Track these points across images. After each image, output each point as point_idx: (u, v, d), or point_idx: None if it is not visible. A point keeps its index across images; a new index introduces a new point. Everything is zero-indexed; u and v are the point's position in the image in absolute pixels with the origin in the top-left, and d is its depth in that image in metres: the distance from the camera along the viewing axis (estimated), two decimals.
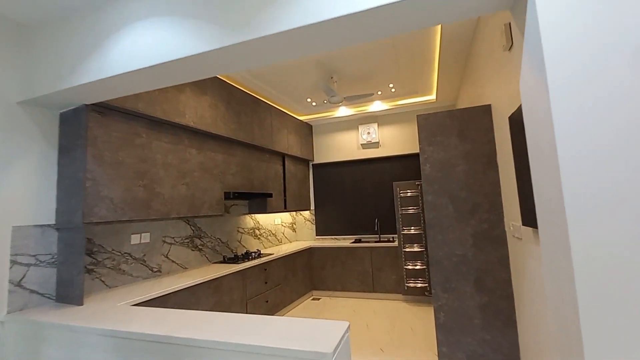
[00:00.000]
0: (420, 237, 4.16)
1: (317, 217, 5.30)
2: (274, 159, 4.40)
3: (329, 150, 5.32)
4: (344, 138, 5.24)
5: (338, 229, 5.15)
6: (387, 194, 4.92)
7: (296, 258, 4.28)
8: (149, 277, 2.77)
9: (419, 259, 4.14)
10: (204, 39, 1.55)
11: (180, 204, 2.79)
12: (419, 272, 4.12)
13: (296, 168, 4.95)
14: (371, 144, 5.05)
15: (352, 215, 5.09)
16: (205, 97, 3.09)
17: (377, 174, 5.02)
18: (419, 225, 4.19)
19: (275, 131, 4.30)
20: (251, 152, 3.90)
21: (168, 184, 2.69)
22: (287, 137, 4.58)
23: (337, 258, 4.58)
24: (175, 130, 2.83)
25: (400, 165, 4.90)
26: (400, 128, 4.92)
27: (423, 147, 2.42)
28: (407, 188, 4.30)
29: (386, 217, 4.90)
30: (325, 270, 4.63)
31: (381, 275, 4.35)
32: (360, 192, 5.08)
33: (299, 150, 4.92)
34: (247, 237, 4.12)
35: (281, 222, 4.98)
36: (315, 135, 5.44)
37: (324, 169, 5.35)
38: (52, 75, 1.96)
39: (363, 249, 4.46)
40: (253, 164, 3.90)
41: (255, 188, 3.87)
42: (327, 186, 5.29)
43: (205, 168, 3.12)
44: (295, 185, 4.85)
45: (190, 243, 3.22)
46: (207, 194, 3.09)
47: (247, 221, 4.16)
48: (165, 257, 2.93)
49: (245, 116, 3.68)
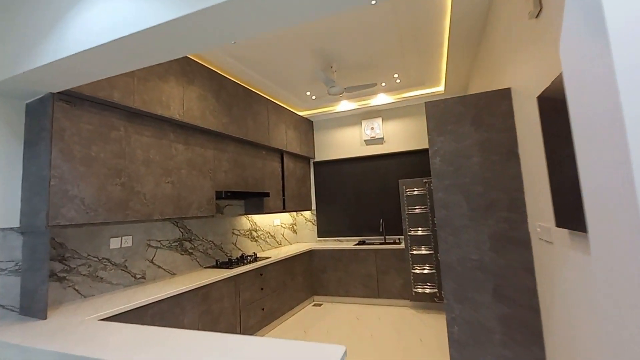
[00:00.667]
0: (428, 239, 3.87)
1: (318, 218, 5.03)
2: (271, 156, 4.14)
3: (331, 147, 5.05)
4: (346, 134, 4.97)
5: (341, 230, 4.88)
6: (393, 193, 4.64)
7: (296, 261, 4.03)
8: (130, 284, 2.53)
9: (428, 262, 3.85)
10: (172, 4, 1.29)
11: (165, 204, 2.55)
12: (428, 277, 3.83)
13: (296, 166, 4.69)
14: (375, 140, 4.77)
15: (355, 215, 4.82)
16: (192, 88, 2.85)
17: (381, 172, 4.74)
18: (427, 226, 3.90)
19: (272, 126, 4.05)
20: (245, 149, 3.66)
21: (150, 182, 2.45)
22: (285, 132, 4.33)
23: (339, 261, 4.31)
24: (158, 124, 2.59)
25: (406, 162, 4.61)
26: (405, 123, 4.63)
27: (432, 138, 2.14)
28: (414, 186, 4.01)
29: (392, 217, 4.61)
30: (327, 274, 4.37)
31: (387, 280, 4.07)
32: (364, 191, 4.80)
33: (299, 147, 4.66)
34: (243, 239, 3.87)
35: (280, 223, 4.73)
36: (316, 132, 5.18)
37: (325, 166, 5.08)
38: (9, 57, 1.73)
39: (367, 251, 4.19)
40: (247, 161, 3.66)
41: (250, 187, 3.62)
42: (329, 185, 5.03)
43: (194, 165, 2.87)
44: (294, 184, 4.59)
45: (179, 247, 2.98)
46: (195, 193, 2.84)
47: (243, 222, 3.91)
48: (150, 262, 2.69)
49: (238, 109, 3.44)
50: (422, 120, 4.54)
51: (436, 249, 3.82)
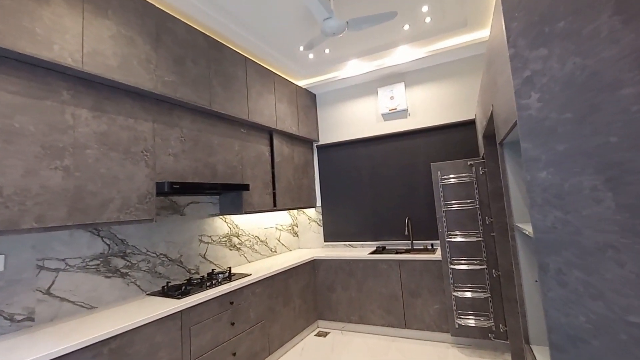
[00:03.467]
0: (477, 248, 2.70)
1: (325, 217, 3.95)
2: (254, 137, 3.10)
3: (339, 125, 3.94)
4: (358, 108, 3.83)
5: (354, 232, 3.77)
6: (423, 182, 3.47)
7: (292, 277, 2.98)
8: (5, 332, 1.58)
9: (477, 280, 2.67)
10: None
11: (50, 203, 1.57)
12: (478, 303, 2.66)
13: (293, 150, 3.63)
14: (396, 114, 3.61)
15: (373, 213, 3.69)
16: (105, 23, 1.84)
17: (406, 155, 3.57)
18: (474, 229, 2.72)
19: (255, 96, 3.00)
20: (213, 124, 2.63)
21: (15, 167, 1.48)
22: (275, 106, 3.27)
23: (351, 275, 3.22)
24: (36, 73, 1.60)
25: (439, 141, 3.42)
26: (438, 88, 3.43)
27: (519, 53, 1.00)
28: (454, 171, 2.84)
29: (421, 215, 3.44)
30: (336, 294, 3.29)
31: (417, 304, 2.94)
32: (384, 181, 3.66)
33: (296, 126, 3.59)
34: (218, 248, 2.87)
35: (275, 226, 3.69)
36: (320, 108, 4.08)
37: (333, 151, 3.98)
38: None
39: (389, 262, 3.06)
40: (216, 141, 2.63)
41: (219, 177, 2.60)
42: (338, 174, 3.92)
43: (114, 143, 1.87)
44: (291, 174, 3.53)
45: (104, 266, 2.01)
46: (115, 185, 1.85)
47: (218, 226, 2.90)
48: (45, 292, 1.74)
49: (197, 67, 2.41)
50: (461, 82, 3.33)
51: (490, 262, 2.63)
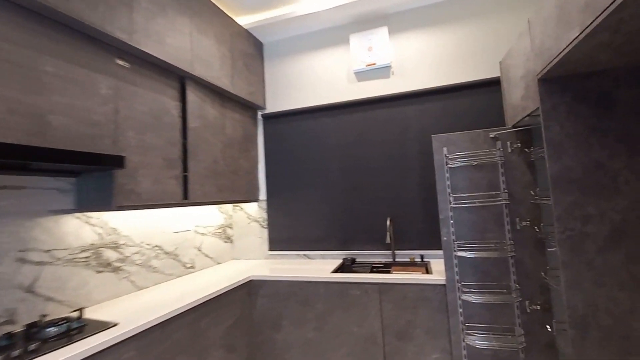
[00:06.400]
0: (504, 267, 1.74)
1: (271, 215, 2.80)
2: (147, 79, 1.83)
3: (295, 87, 2.80)
4: (322, 63, 2.73)
5: (311, 237, 2.67)
6: (414, 166, 2.46)
7: (211, 313, 1.80)
8: None
9: (504, 319, 1.72)
10: None
11: None
12: (507, 356, 1.70)
13: (223, 116, 2.42)
14: (375, 71, 2.57)
15: (340, 210, 2.61)
16: None
17: (391, 129, 2.54)
18: (497, 238, 1.76)
19: (151, 6, 1.75)
20: (41, 33, 1.34)
21: None
22: (192, 37, 2.04)
23: (308, 305, 2.11)
24: None
25: (439, 109, 2.44)
26: (438, 34, 2.44)
27: None
28: (469, 146, 1.86)
29: (410, 213, 2.44)
30: (282, 333, 2.16)
31: (406, 351, 1.91)
32: (358, 166, 2.59)
33: (229, 77, 2.39)
34: (71, 271, 1.59)
35: (195, 229, 2.46)
36: (268, 62, 2.91)
37: (285, 122, 2.83)
38: None
39: (364, 286, 2.01)
40: (48, 67, 1.35)
41: (48, 140, 1.33)
42: (291, 156, 2.78)
43: None
44: (218, 150, 2.33)
45: None
46: None
47: (72, 232, 1.62)
48: None
49: None
50: (474, 25, 2.37)
51: (527, 290, 1.69)
